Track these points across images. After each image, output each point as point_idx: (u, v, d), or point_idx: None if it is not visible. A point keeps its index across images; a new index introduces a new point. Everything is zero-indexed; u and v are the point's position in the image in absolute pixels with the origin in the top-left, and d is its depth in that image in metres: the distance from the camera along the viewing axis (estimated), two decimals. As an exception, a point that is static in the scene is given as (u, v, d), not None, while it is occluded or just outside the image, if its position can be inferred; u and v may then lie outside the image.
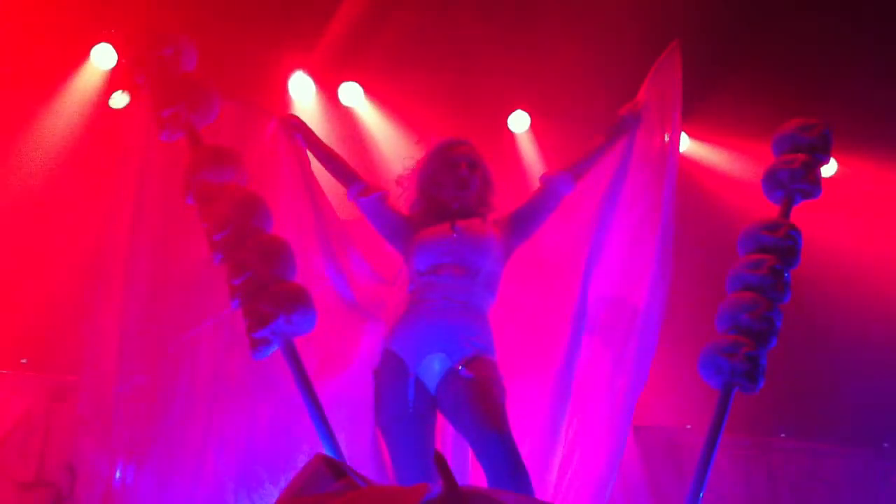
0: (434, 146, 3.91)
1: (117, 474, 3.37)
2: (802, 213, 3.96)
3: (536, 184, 3.95)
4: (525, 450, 3.46)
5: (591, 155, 3.97)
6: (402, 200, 3.93)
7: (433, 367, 3.55)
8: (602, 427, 3.74)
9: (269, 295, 3.30)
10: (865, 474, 6.63)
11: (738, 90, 6.18)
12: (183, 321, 3.60)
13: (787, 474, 6.49)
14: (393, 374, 3.58)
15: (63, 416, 4.95)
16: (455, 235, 3.68)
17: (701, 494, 3.54)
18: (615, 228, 3.95)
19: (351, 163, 4.02)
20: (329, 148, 4.00)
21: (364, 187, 3.86)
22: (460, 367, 3.50)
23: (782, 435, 6.67)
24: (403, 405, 3.52)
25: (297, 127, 3.98)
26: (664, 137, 3.95)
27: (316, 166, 3.96)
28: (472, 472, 3.69)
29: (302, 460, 2.97)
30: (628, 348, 3.77)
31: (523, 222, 3.84)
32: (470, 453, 3.65)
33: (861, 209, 6.75)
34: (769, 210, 3.97)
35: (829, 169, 6.18)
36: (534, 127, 6.74)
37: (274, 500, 2.76)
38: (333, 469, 2.79)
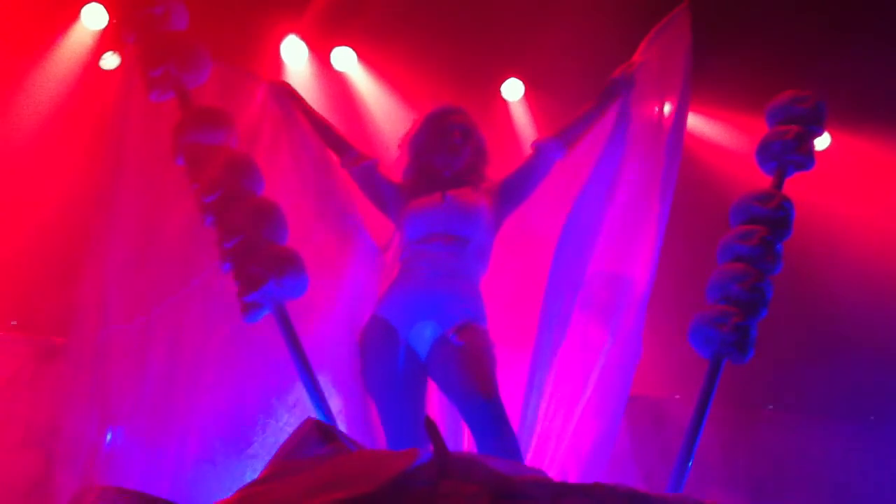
0: (427, 114, 3.89)
1: (108, 436, 3.37)
2: (795, 185, 3.96)
3: (528, 150, 3.94)
4: (515, 417, 3.48)
5: (583, 120, 3.93)
6: (394, 169, 3.91)
7: (424, 335, 3.56)
8: (599, 399, 3.74)
9: (261, 258, 3.29)
10: (851, 448, 6.67)
11: (731, 60, 6.15)
12: (170, 280, 3.57)
13: (771, 447, 6.53)
14: (383, 340, 3.59)
15: (51, 378, 4.93)
16: (445, 204, 3.67)
17: (689, 465, 3.56)
18: (611, 200, 3.92)
19: (343, 128, 4.01)
20: (320, 115, 3.97)
21: (356, 155, 3.84)
22: (451, 335, 3.50)
23: (769, 407, 6.70)
24: (393, 371, 3.54)
25: (288, 94, 3.94)
26: (665, 106, 3.93)
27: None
28: (465, 439, 3.71)
29: (292, 423, 2.96)
30: (623, 322, 3.77)
31: (514, 189, 3.83)
32: (462, 423, 3.66)
33: (854, 182, 6.76)
34: (762, 182, 3.96)
35: (822, 142, 6.18)
36: (528, 95, 6.72)
37: (264, 463, 2.77)
38: (324, 433, 2.80)
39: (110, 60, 5.55)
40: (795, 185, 3.97)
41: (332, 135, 3.92)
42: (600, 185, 3.91)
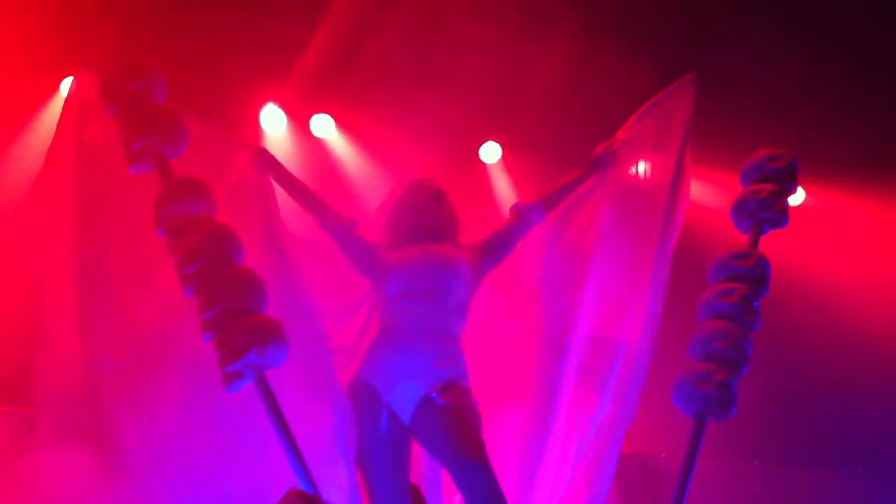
0: (403, 182, 3.96)
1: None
2: (772, 242, 4.01)
3: (507, 214, 3.99)
4: (502, 478, 3.45)
5: (564, 188, 4.02)
6: (372, 232, 3.94)
7: (406, 396, 3.54)
8: (589, 459, 3.75)
9: (241, 328, 3.28)
10: (843, 498, 6.64)
11: (709, 120, 6.24)
12: (151, 352, 3.56)
13: (763, 501, 6.50)
14: (365, 403, 3.57)
15: (35, 449, 4.87)
16: (425, 258, 3.69)
17: (677, 522, 3.55)
18: (597, 263, 3.97)
19: (323, 193, 4.03)
20: (298, 180, 4.00)
21: (334, 216, 3.87)
22: (434, 395, 3.49)
23: (756, 462, 6.69)
24: (376, 435, 3.51)
25: (267, 161, 3.96)
26: (662, 173, 3.99)
27: (284, 197, 3.95)
28: (445, 502, 3.68)
29: (276, 495, 2.94)
30: (617, 386, 3.79)
31: (493, 248, 3.87)
32: (443, 482, 3.64)
33: (830, 236, 6.82)
34: (740, 238, 4.01)
35: (796, 198, 6.25)
36: (505, 158, 6.78)
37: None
38: (307, 503, 2.77)
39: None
40: (772, 242, 4.02)
41: (310, 197, 3.94)
42: (580, 250, 3.95)
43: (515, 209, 3.95)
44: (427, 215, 3.82)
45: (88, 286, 3.60)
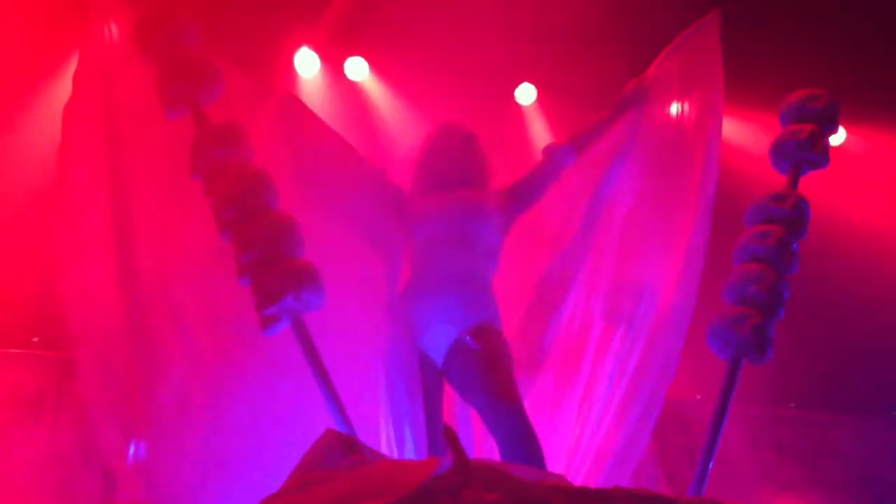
0: (433, 128, 3.94)
1: (130, 451, 3.39)
2: (812, 183, 3.95)
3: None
4: (536, 423, 3.47)
5: (594, 129, 3.99)
6: (403, 179, 3.94)
7: (438, 339, 3.56)
8: (627, 409, 3.74)
9: (278, 272, 3.31)
10: (874, 444, 6.64)
11: (744, 58, 6.14)
12: (189, 291, 3.59)
13: (796, 444, 6.51)
14: (400, 346, 3.61)
15: (75, 394, 4.97)
16: (455, 205, 3.69)
17: (710, 466, 3.56)
18: (625, 208, 3.95)
19: (357, 136, 4.03)
20: (328, 127, 3.98)
21: (364, 164, 3.87)
22: (467, 338, 3.50)
23: (792, 405, 6.69)
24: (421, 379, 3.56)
25: (297, 105, 3.94)
26: (693, 117, 3.93)
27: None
28: (476, 446, 3.71)
29: (313, 436, 2.98)
30: (653, 336, 3.76)
31: (523, 193, 3.86)
32: (475, 426, 3.67)
33: (871, 178, 6.73)
34: (778, 181, 3.96)
35: (837, 138, 6.15)
36: (540, 100, 6.73)
37: (285, 476, 2.78)
38: (345, 444, 2.81)
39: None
40: (811, 183, 3.97)
41: (341, 145, 3.94)
42: (613, 193, 3.93)
43: (546, 150, 3.93)
44: (456, 160, 3.81)
45: (125, 229, 3.63)
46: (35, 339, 5.57)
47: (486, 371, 3.42)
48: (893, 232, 6.61)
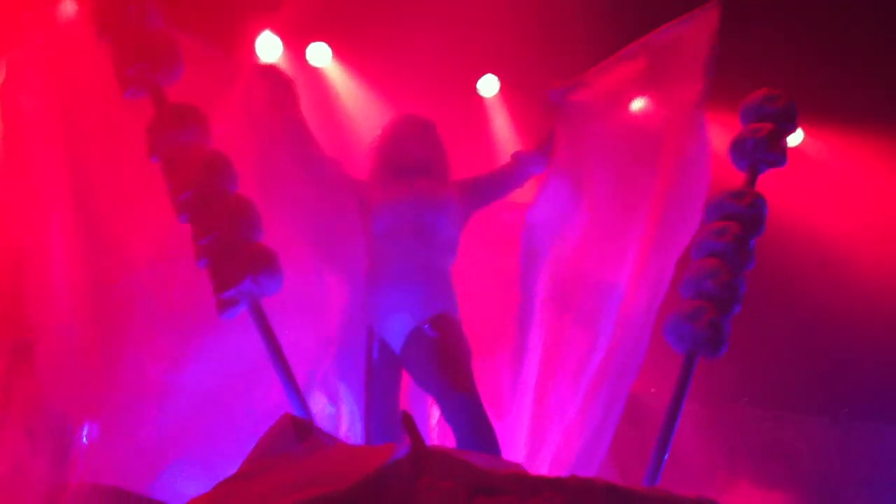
0: (392, 118, 3.93)
1: (84, 432, 3.35)
2: (770, 182, 4.00)
3: (503, 148, 3.97)
4: (492, 412, 3.48)
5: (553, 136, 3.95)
6: (361, 170, 3.91)
7: (397, 328, 3.56)
8: (589, 404, 3.75)
9: (236, 256, 3.28)
10: (824, 442, 6.73)
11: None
12: (145, 270, 3.56)
13: (748, 442, 6.58)
14: (357, 334, 3.60)
15: (25, 374, 4.89)
16: (413, 195, 3.68)
17: (664, 459, 3.59)
18: (586, 203, 3.93)
19: (319, 123, 4.00)
20: (299, 112, 3.93)
21: (320, 154, 3.84)
22: (425, 326, 3.50)
23: (744, 400, 6.76)
24: (368, 364, 3.55)
25: (283, 81, 3.86)
26: (673, 114, 3.91)
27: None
28: (430, 432, 3.72)
29: (269, 419, 2.96)
30: (614, 333, 3.76)
31: (484, 190, 3.87)
32: (430, 412, 3.68)
33: (827, 179, 6.81)
34: (738, 178, 3.99)
35: (795, 138, 6.22)
36: (503, 91, 6.72)
37: (241, 460, 2.76)
38: (300, 428, 2.80)
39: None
40: (769, 182, 4.02)
41: (305, 132, 3.89)
42: (568, 187, 3.91)
43: (517, 157, 3.94)
44: (413, 149, 3.81)
45: (84, 211, 3.59)
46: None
47: (443, 360, 3.44)
48: (848, 233, 6.70)
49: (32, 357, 4.65)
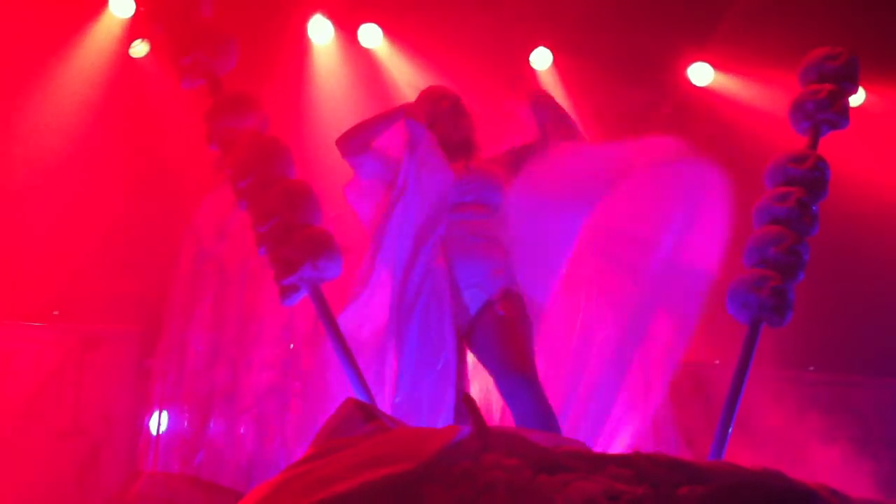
0: (418, 98, 3.89)
1: (155, 421, 3.42)
2: (831, 144, 3.91)
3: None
4: (551, 390, 3.47)
5: None
6: None
7: (469, 303, 3.56)
8: (643, 373, 3.73)
9: (295, 241, 3.31)
10: (894, 404, 6.62)
11: (763, 18, 6.07)
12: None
13: (817, 407, 6.49)
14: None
15: (96, 365, 5.01)
16: (470, 174, 3.68)
17: (729, 430, 3.55)
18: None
19: (372, 105, 4.00)
20: None
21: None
22: (496, 302, 3.51)
23: (811, 368, 6.66)
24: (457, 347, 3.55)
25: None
26: None
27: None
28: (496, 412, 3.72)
29: (333, 404, 2.99)
30: (672, 299, 3.70)
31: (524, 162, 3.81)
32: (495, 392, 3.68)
33: (890, 139, 6.65)
34: (797, 143, 3.91)
35: (857, 98, 6.08)
36: (556, 63, 6.67)
37: (307, 444, 2.79)
38: (365, 412, 2.82)
39: (139, 49, 5.57)
40: (831, 144, 3.93)
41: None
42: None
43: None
44: (468, 127, 3.80)
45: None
46: (56, 313, 5.61)
47: (505, 341, 3.44)
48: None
49: (102, 348, 4.77)
